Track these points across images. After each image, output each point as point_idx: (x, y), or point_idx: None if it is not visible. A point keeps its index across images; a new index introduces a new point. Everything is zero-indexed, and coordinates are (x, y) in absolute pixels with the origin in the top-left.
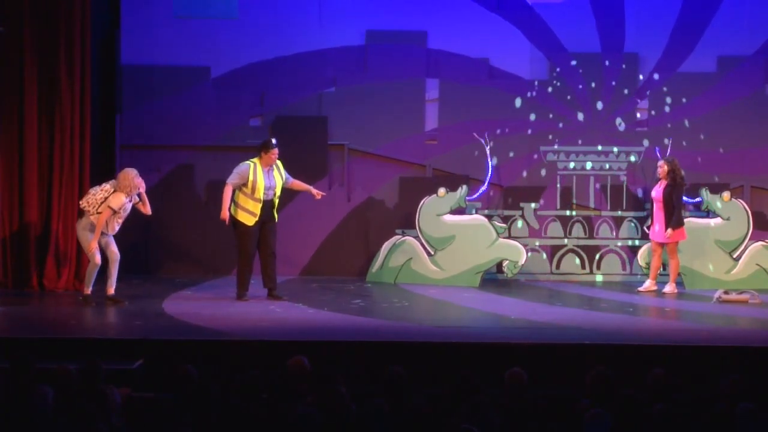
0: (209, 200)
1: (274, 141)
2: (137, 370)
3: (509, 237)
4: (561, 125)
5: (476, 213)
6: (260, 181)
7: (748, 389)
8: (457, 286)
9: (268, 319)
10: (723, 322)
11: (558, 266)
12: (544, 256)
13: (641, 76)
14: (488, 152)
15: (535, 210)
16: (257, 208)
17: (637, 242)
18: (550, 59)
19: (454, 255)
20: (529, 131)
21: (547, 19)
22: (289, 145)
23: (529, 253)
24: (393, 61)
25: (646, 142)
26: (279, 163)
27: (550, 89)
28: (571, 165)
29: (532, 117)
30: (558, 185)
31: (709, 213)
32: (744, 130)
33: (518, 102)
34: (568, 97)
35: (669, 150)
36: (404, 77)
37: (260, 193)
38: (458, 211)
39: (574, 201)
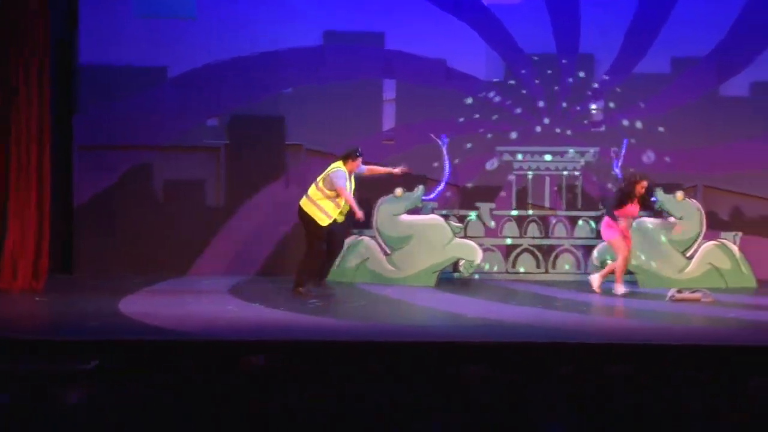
0: (167, 200)
1: (360, 149)
2: (92, 371)
3: (465, 236)
4: (517, 126)
5: (433, 213)
6: (348, 187)
7: (704, 386)
8: (413, 286)
9: (225, 319)
10: (676, 320)
11: (514, 265)
12: (500, 255)
13: (596, 77)
14: (445, 152)
15: (491, 210)
16: (336, 213)
17: (592, 242)
18: (506, 60)
19: (411, 255)
20: (486, 132)
21: (503, 20)
22: (246, 145)
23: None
24: (350, 61)
25: (600, 143)
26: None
27: (506, 90)
28: (527, 165)
29: (489, 117)
30: (514, 185)
31: (663, 213)
32: (698, 131)
33: (474, 102)
34: (524, 98)
35: (624, 150)
36: (361, 77)
37: (342, 200)
38: (415, 210)
39: (530, 201)
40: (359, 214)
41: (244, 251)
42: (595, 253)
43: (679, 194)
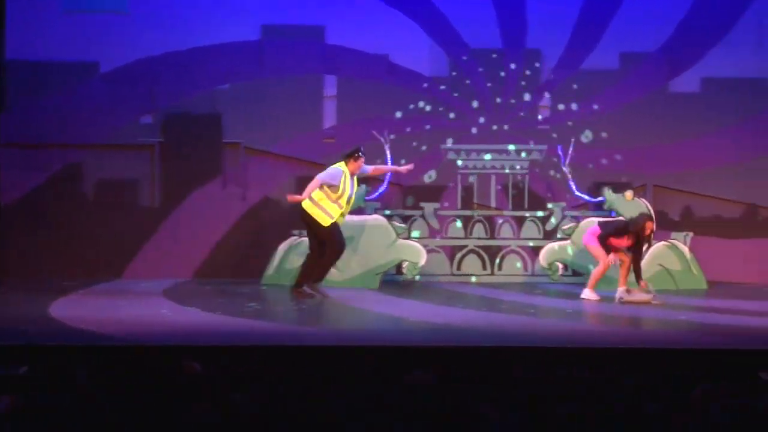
0: (99, 200)
1: (362, 149)
2: (22, 377)
3: (408, 237)
4: (462, 123)
5: (375, 213)
6: (347, 189)
7: (653, 391)
8: (355, 288)
9: (160, 323)
10: (624, 323)
11: (459, 267)
12: (445, 256)
13: (544, 73)
14: (388, 151)
15: (435, 210)
16: (336, 213)
17: (537, 243)
18: (451, 56)
19: (353, 256)
20: (430, 129)
21: (447, 14)
22: (182, 143)
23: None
24: (290, 56)
25: (548, 141)
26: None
27: (450, 86)
28: (472, 164)
29: (434, 114)
30: (459, 185)
31: (611, 213)
32: (647, 128)
33: (418, 99)
34: (469, 95)
35: (572, 148)
36: (301, 73)
37: (344, 201)
38: (357, 211)
39: (476, 200)
40: (290, 197)
41: (180, 253)
42: (542, 254)
43: (628, 193)
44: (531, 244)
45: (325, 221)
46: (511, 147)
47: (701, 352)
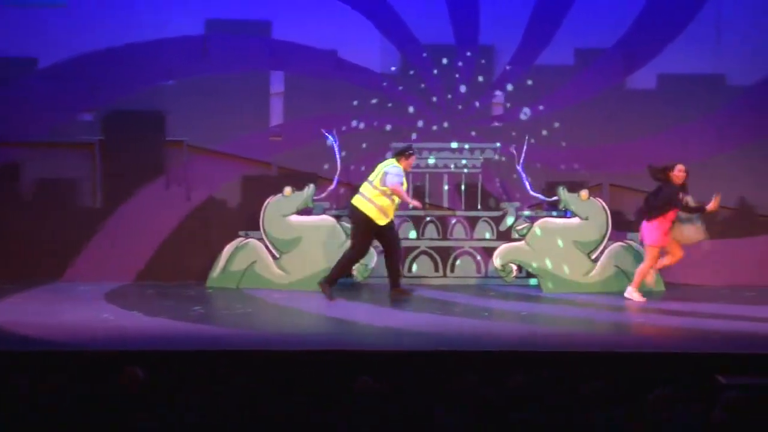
0: (38, 200)
1: (412, 146)
2: None
3: None
4: (413, 121)
5: (324, 213)
6: (404, 186)
7: (609, 395)
8: (304, 291)
9: (102, 328)
10: (579, 326)
11: (410, 269)
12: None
13: (497, 69)
14: (337, 149)
15: None
16: (392, 211)
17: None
18: (402, 51)
19: (301, 258)
20: (380, 127)
21: (398, 9)
22: (124, 142)
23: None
24: (235, 52)
25: (501, 138)
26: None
27: (402, 83)
28: (424, 162)
29: (384, 112)
30: (410, 184)
31: (566, 213)
32: (603, 126)
33: (368, 96)
34: (421, 92)
35: (525, 146)
36: (247, 69)
37: (397, 198)
38: (305, 211)
39: (427, 200)
40: (412, 202)
41: (122, 255)
42: (496, 255)
43: (584, 193)
44: (484, 244)
45: (381, 220)
46: (455, 145)
47: (658, 355)
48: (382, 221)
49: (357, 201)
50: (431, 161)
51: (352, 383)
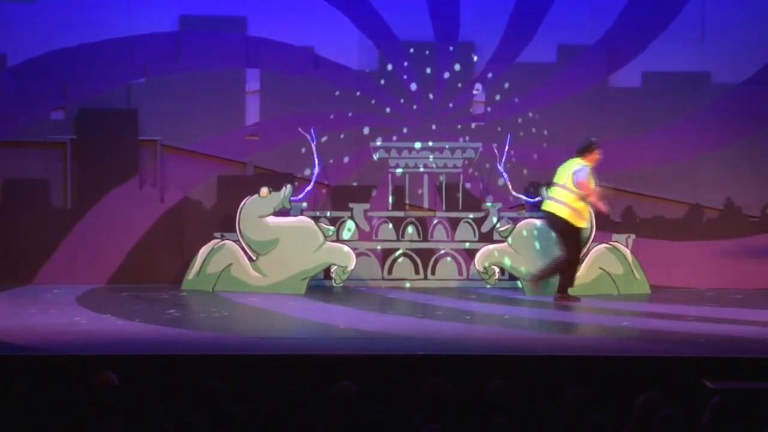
0: (7, 201)
1: (596, 140)
2: None
3: (337, 240)
4: (393, 120)
5: (302, 214)
6: (593, 185)
7: (592, 400)
8: (281, 294)
9: (74, 332)
10: (565, 330)
11: (390, 271)
12: (375, 260)
13: (478, 67)
14: (314, 149)
15: (365, 211)
16: (586, 213)
17: (471, 245)
18: (381, 49)
19: (278, 260)
20: (359, 126)
21: (376, 5)
22: (96, 141)
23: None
24: (209, 49)
25: (482, 138)
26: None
27: (380, 81)
28: (404, 162)
29: (363, 110)
30: (390, 184)
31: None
32: (586, 124)
33: (347, 94)
34: (401, 90)
35: (507, 145)
36: (222, 67)
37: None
38: (282, 212)
39: (407, 201)
40: (604, 210)
41: (95, 257)
42: (477, 257)
43: None
44: (466, 246)
45: (581, 223)
46: (429, 144)
47: (644, 359)
48: (583, 225)
49: (555, 208)
50: (411, 161)
51: (330, 387)
